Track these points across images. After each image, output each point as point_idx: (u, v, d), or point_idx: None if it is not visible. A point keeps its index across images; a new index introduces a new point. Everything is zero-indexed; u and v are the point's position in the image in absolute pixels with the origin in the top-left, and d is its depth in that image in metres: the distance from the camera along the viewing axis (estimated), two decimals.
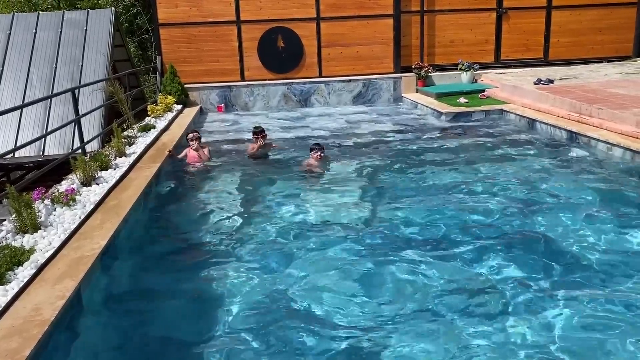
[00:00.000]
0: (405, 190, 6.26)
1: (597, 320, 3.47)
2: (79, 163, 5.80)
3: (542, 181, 6.28)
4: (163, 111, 10.63)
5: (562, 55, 13.84)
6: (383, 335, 3.45)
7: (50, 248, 4.12)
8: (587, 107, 8.36)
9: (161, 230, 5.49)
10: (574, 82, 10.90)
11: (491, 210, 5.45)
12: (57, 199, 5.03)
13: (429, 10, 13.27)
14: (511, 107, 10.15)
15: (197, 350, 3.40)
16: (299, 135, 9.80)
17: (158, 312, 3.91)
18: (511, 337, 3.36)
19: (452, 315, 3.63)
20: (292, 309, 3.80)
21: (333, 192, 6.29)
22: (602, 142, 7.35)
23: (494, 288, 3.93)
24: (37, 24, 11.95)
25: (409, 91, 13.05)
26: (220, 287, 4.13)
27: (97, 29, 12.00)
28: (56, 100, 10.56)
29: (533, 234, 4.86)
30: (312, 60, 13.19)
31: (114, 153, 7.02)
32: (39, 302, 3.36)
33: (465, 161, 7.38)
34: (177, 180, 7.10)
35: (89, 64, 11.44)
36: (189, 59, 12.84)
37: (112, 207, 5.19)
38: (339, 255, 4.57)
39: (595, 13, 13.67)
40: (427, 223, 5.22)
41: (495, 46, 13.71)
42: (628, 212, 5.27)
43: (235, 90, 12.90)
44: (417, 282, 4.07)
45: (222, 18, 12.78)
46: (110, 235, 4.45)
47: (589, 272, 4.10)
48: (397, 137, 9.25)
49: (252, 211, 5.80)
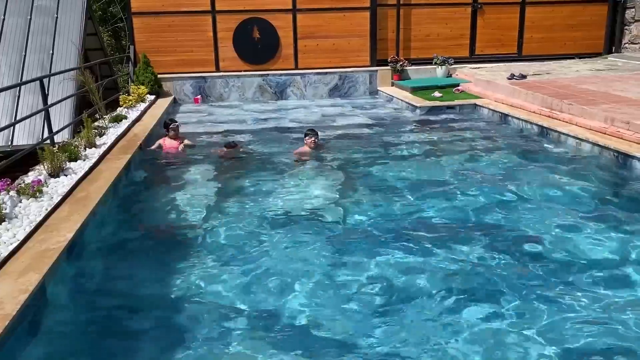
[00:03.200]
0: (378, 184, 6.30)
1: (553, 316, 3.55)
2: (47, 154, 5.68)
3: (512, 175, 6.39)
4: (135, 101, 10.47)
5: (536, 51, 14.01)
6: (360, 328, 3.48)
7: (15, 240, 4.04)
8: (557, 103, 8.49)
9: (130, 223, 5.41)
10: (546, 77, 11.06)
11: (461, 204, 5.52)
12: (23, 190, 4.92)
13: (405, 4, 13.30)
14: (484, 102, 10.27)
15: (165, 344, 3.38)
16: (274, 126, 9.77)
17: (125, 307, 3.87)
18: (482, 332, 3.41)
19: (409, 310, 3.66)
20: (266, 302, 3.80)
21: (311, 183, 6.30)
22: (572, 137, 7.48)
23: (463, 281, 3.99)
24: (5, 10, 11.62)
25: (385, 85, 13.09)
26: (191, 280, 4.10)
27: (68, 17, 11.73)
28: (25, 89, 10.31)
29: (500, 227, 4.95)
30: (288, 52, 13.11)
31: (84, 144, 6.89)
32: (1, 296, 3.29)
33: (438, 155, 7.45)
34: (148, 172, 7.02)
35: (60, 52, 11.19)
36: (162, 49, 12.64)
37: (80, 199, 5.10)
38: (311, 248, 4.58)
39: (568, 10, 13.87)
40: (397, 216, 5.27)
41: (470, 41, 13.81)
42: (594, 205, 5.39)
43: (210, 81, 12.76)
44: (385, 275, 4.11)
45: (196, 7, 12.60)
46: (78, 227, 4.37)
47: (554, 267, 4.18)
48: (372, 131, 9.28)
49: (226, 202, 5.77)
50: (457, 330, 3.41)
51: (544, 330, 3.37)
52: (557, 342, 3.25)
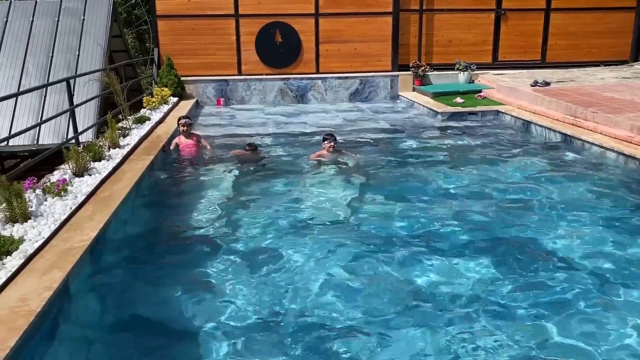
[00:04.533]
0: (397, 190, 6.27)
1: (586, 326, 3.50)
2: (72, 153, 5.77)
3: (535, 183, 6.31)
4: (159, 103, 10.60)
5: (560, 58, 13.86)
6: (378, 331, 3.47)
7: (40, 238, 4.11)
8: (582, 111, 8.38)
9: (152, 223, 5.48)
10: (570, 85, 10.92)
11: (483, 211, 5.47)
12: (48, 189, 5.01)
13: (428, 9, 13.26)
14: (507, 109, 10.17)
15: (186, 341, 3.42)
16: (293, 130, 9.80)
17: (147, 305, 3.91)
18: (501, 340, 3.37)
19: (444, 315, 3.64)
20: (286, 304, 3.80)
21: (329, 188, 6.30)
22: (596, 146, 7.37)
23: (479, 290, 3.95)
24: (34, 11, 11.89)
25: (406, 90, 13.05)
26: (213, 280, 4.13)
27: (94, 19, 11.94)
28: (51, 90, 10.52)
29: (523, 236, 4.88)
30: (309, 56, 13.16)
31: (108, 144, 6.99)
32: (26, 292, 3.35)
33: (459, 161, 7.39)
34: (169, 173, 7.09)
35: (86, 53, 11.39)
36: (186, 52, 12.79)
37: (104, 199, 5.17)
38: (327, 252, 4.57)
39: (593, 16, 13.69)
40: (419, 222, 5.23)
41: (493, 47, 13.72)
42: (619, 215, 5.30)
43: (232, 84, 12.87)
44: (408, 280, 4.09)
45: (220, 11, 12.73)
46: (101, 227, 4.43)
47: (579, 276, 4.12)
48: (392, 136, 9.26)
49: (244, 205, 5.80)
50: (483, 344, 3.37)
51: (572, 345, 3.33)
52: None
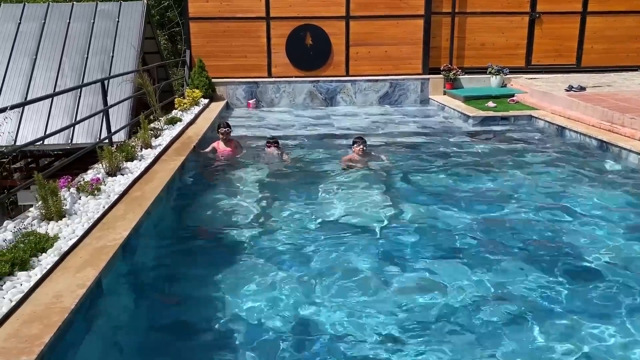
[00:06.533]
0: (427, 194, 6.20)
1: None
2: (105, 153, 5.86)
3: (569, 190, 6.16)
4: (190, 104, 10.71)
5: (596, 62, 13.53)
6: (398, 339, 3.42)
7: (74, 236, 4.17)
8: (619, 116, 8.15)
9: (183, 223, 5.53)
10: (606, 90, 10.64)
11: (515, 218, 5.36)
12: (82, 187, 5.10)
13: (460, 12, 13.11)
14: (540, 114, 9.97)
15: (217, 341, 3.44)
16: (322, 133, 9.79)
17: (176, 304, 3.94)
18: (533, 350, 3.29)
19: (473, 323, 3.58)
20: (313, 308, 3.79)
21: (358, 191, 6.26)
22: (634, 153, 7.15)
23: (514, 297, 3.86)
24: (70, 14, 12.18)
25: (437, 93, 12.92)
26: (242, 282, 4.14)
27: (128, 21, 12.17)
28: (86, 90, 10.74)
29: (557, 244, 4.77)
30: (339, 59, 13.14)
31: (140, 144, 7.09)
32: (61, 289, 3.40)
33: (492, 167, 7.26)
34: (200, 174, 7.15)
35: (120, 55, 11.61)
36: (217, 54, 12.91)
37: (136, 199, 5.24)
38: (356, 256, 4.55)
39: (632, 19, 13.33)
40: (450, 228, 5.16)
41: (526, 51, 13.48)
42: None
43: (261, 86, 12.93)
44: (440, 286, 4.03)
45: (251, 14, 12.82)
46: (133, 226, 4.48)
47: (614, 286, 4.00)
48: (422, 139, 9.17)
49: (273, 207, 5.81)
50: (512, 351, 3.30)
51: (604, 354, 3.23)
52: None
